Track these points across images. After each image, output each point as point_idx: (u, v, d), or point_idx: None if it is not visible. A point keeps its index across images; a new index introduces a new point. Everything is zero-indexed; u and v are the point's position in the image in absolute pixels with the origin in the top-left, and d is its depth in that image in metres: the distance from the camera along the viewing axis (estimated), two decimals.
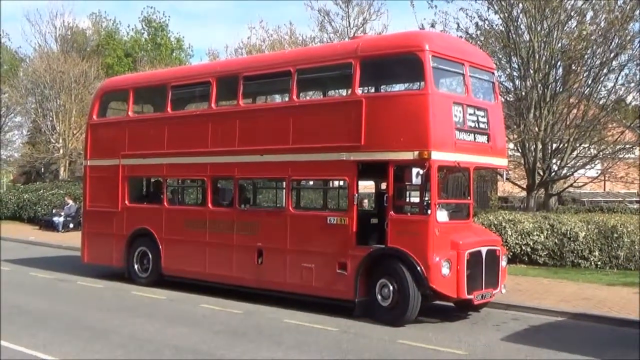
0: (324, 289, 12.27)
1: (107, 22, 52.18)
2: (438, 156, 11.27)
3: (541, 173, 23.11)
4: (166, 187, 15.24)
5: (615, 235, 17.42)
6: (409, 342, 10.19)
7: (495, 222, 18.08)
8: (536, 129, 22.28)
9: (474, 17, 22.69)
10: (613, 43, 21.33)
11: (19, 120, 45.85)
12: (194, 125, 14.78)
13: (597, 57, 21.95)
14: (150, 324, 11.26)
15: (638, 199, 28.08)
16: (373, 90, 14.89)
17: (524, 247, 17.77)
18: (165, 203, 15.11)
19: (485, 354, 9.69)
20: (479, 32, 22.88)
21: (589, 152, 23.08)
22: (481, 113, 12.38)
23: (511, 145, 23.43)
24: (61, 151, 40.01)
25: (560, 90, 22.53)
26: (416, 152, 11.23)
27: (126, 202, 15.83)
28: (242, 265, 13.56)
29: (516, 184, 24.98)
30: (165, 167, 15.18)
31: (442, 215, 11.61)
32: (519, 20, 22.33)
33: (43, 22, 63.44)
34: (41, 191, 32.56)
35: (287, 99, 14.06)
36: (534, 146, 22.71)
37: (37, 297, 13.61)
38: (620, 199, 27.57)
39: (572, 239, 17.65)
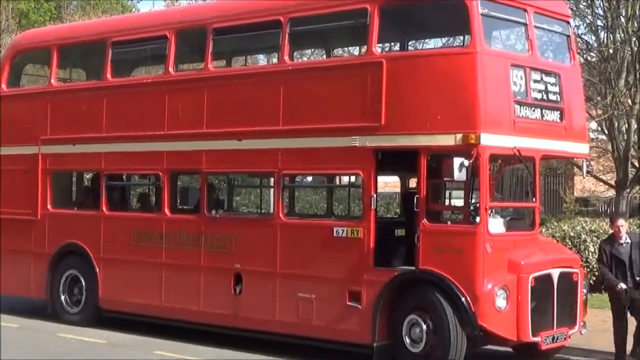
0: (329, 329, 12.28)
1: None
2: (490, 141, 11.28)
3: (636, 164, 23.09)
4: (105, 185, 15.26)
5: None
6: None
7: (572, 234, 18.08)
8: (629, 101, 22.24)
9: None
10: None
11: None
12: (144, 98, 14.79)
13: None
14: None
15: None
16: (397, 48, 14.91)
17: None
18: (103, 208, 15.13)
19: None
20: None
21: None
22: (551, 79, 12.38)
23: (594, 125, 23.38)
24: None
25: None
26: (459, 136, 11.24)
27: (49, 206, 15.86)
28: (212, 296, 13.59)
29: (601, 180, 24.93)
30: (104, 158, 15.19)
31: (496, 225, 11.62)
32: None
33: None
34: None
35: (275, 60, 14.04)
36: (626, 126, 22.68)
37: None
38: None
39: None
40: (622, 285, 11.58)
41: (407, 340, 11.62)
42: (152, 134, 14.46)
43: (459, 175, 11.13)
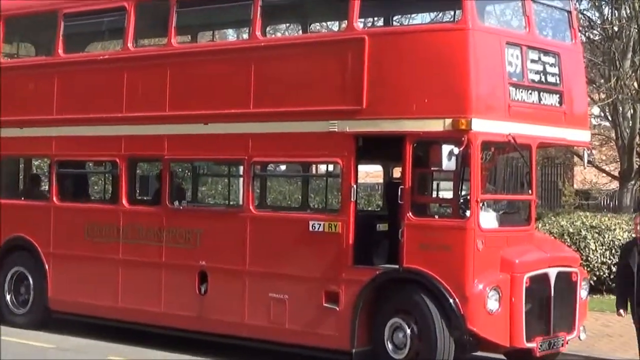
0: (304, 334, 12.30)
1: None
2: (482, 126, 11.31)
3: None
4: (56, 173, 15.20)
5: None
6: None
7: (571, 230, 18.19)
8: (635, 84, 22.36)
9: None
10: None
11: None
12: (100, 76, 14.73)
13: None
14: None
15: None
16: (381, 23, 14.92)
17: (615, 269, 17.86)
18: (54, 199, 15.07)
19: None
20: None
21: None
22: (550, 60, 12.43)
23: (596, 111, 23.49)
24: None
25: None
26: (448, 121, 11.26)
27: None
28: (175, 296, 13.57)
29: (603, 171, 25.08)
30: (55, 142, 15.13)
31: (488, 219, 11.67)
32: None
33: None
34: None
35: (246, 36, 14.02)
36: (632, 111, 22.81)
37: None
38: None
39: None
40: (622, 312, 10.95)
41: (389, 346, 11.65)
42: (109, 116, 14.41)
43: (448, 164, 11.15)
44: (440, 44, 11.66)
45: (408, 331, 11.50)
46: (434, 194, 13.18)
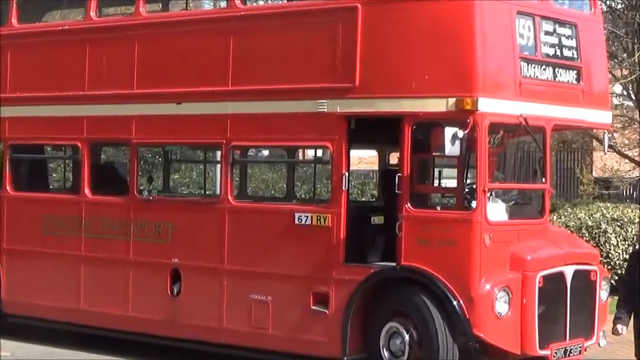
0: (289, 340, 12.32)
1: None
2: (490, 106, 11.31)
3: None
4: (10, 159, 15.17)
5: None
6: None
7: (590, 223, 18.22)
8: None
9: None
10: None
11: None
12: (59, 49, 14.71)
13: None
14: None
15: None
16: None
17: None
18: (7, 187, 15.06)
19: None
20: None
21: None
22: (566, 31, 12.44)
23: (618, 89, 23.51)
24: None
25: None
26: (452, 100, 11.26)
27: None
28: (144, 298, 13.58)
29: (626, 156, 25.09)
30: (8, 124, 15.10)
31: (496, 211, 11.69)
32: None
33: None
34: None
35: (224, 4, 13.97)
36: None
37: None
38: None
39: None
40: (620, 328, 9.90)
41: (386, 354, 11.66)
42: (69, 94, 14.41)
43: (452, 149, 11.14)
44: (443, 13, 11.63)
45: (406, 337, 11.50)
46: (436, 183, 13.21)
